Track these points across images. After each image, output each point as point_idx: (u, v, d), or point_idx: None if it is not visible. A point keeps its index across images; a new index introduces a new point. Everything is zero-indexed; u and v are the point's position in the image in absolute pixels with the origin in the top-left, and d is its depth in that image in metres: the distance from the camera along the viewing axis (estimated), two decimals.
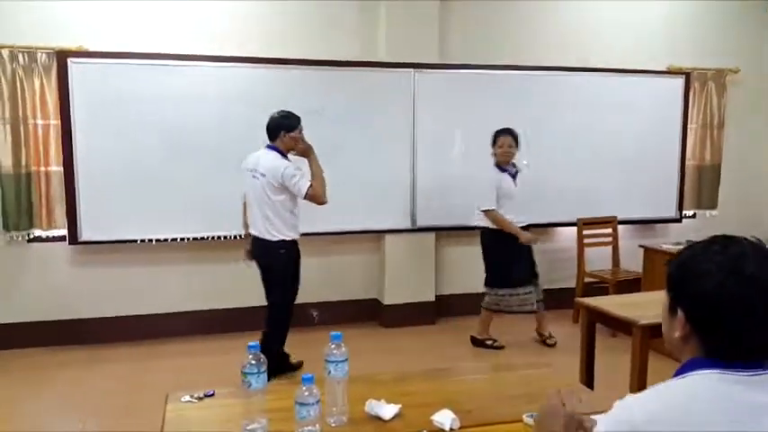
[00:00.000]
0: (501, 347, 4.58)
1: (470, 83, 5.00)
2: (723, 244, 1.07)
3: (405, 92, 4.84)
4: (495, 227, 4.36)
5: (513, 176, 4.40)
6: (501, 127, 4.40)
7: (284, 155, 3.69)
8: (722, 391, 1.01)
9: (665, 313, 1.16)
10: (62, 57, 4.18)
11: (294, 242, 3.76)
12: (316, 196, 3.60)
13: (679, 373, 1.09)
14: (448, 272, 5.26)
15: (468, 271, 5.33)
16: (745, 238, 1.09)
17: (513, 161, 4.42)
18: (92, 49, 4.28)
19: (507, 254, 4.41)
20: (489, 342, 4.62)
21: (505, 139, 4.35)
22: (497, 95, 5.05)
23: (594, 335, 3.22)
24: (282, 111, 3.71)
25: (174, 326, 4.63)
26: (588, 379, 3.15)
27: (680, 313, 1.10)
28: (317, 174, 3.66)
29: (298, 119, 3.70)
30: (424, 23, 4.85)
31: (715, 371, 1.03)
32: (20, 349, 4.33)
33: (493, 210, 4.34)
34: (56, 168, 4.33)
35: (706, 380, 1.03)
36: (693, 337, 1.08)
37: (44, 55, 4.23)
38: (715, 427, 0.97)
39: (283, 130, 3.67)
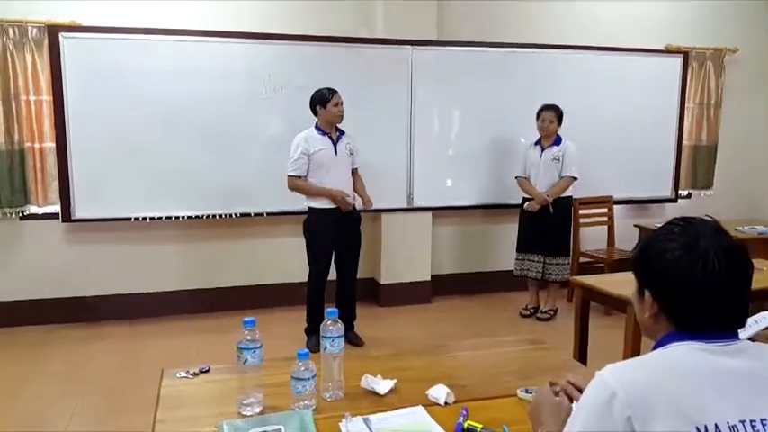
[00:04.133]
0: (527, 315, 4.80)
1: (468, 61, 4.95)
2: (681, 225, 1.13)
3: (402, 69, 4.79)
4: (524, 195, 4.72)
5: (543, 150, 4.59)
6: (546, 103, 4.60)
7: (321, 130, 3.87)
8: (698, 357, 1.05)
9: (634, 297, 1.20)
10: (53, 31, 4.11)
11: (314, 210, 3.92)
12: (288, 181, 3.90)
13: (656, 347, 1.13)
14: (445, 251, 5.26)
15: (464, 251, 5.35)
16: (702, 218, 1.14)
17: (559, 136, 4.62)
18: (84, 23, 4.21)
19: (521, 220, 4.76)
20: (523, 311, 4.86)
21: (546, 115, 4.53)
22: (494, 73, 5.02)
23: (589, 313, 3.25)
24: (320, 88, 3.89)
25: (168, 304, 4.62)
26: (582, 356, 3.18)
27: (647, 294, 1.14)
28: (314, 186, 3.87)
29: (328, 91, 3.84)
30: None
31: (689, 342, 1.07)
32: (13, 327, 4.32)
33: (516, 177, 4.73)
34: (50, 145, 4.29)
35: (682, 348, 1.07)
36: (662, 315, 1.12)
37: (35, 29, 4.16)
38: (691, 388, 1.01)
39: (317, 104, 3.84)
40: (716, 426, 0.97)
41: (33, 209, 4.37)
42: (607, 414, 1.01)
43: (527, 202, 4.64)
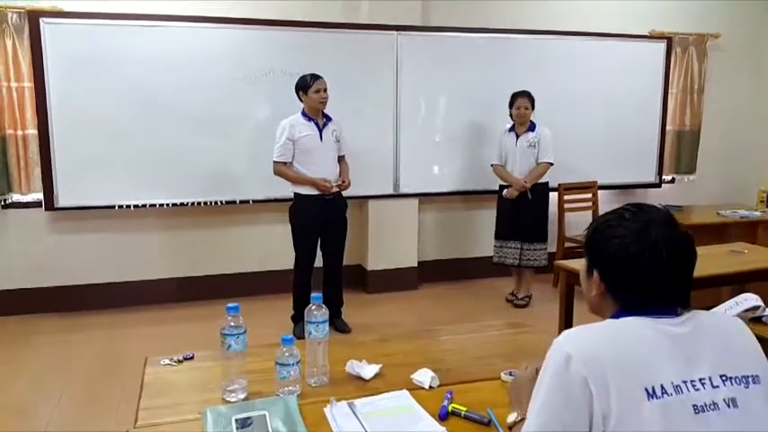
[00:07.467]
0: (511, 301, 4.81)
1: (454, 46, 4.93)
2: (633, 211, 1.17)
3: (388, 55, 4.77)
4: (501, 182, 4.70)
5: (518, 137, 4.57)
6: (518, 89, 4.57)
7: (306, 116, 3.85)
8: (645, 325, 1.11)
9: (583, 274, 1.26)
10: (34, 17, 4.04)
11: (300, 197, 3.91)
12: (273, 167, 3.89)
13: None
14: (431, 238, 5.28)
15: (450, 237, 5.37)
16: (654, 206, 1.19)
17: (533, 122, 4.60)
18: (65, 8, 4.13)
19: (498, 207, 4.76)
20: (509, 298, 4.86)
21: (522, 102, 4.50)
22: (480, 59, 5.01)
23: (573, 297, 3.28)
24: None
25: (153, 293, 4.60)
26: None
27: (595, 274, 1.20)
28: (298, 173, 3.85)
29: (311, 77, 3.81)
30: None
31: (636, 318, 1.13)
32: None
33: (492, 165, 4.70)
34: (32, 132, 4.22)
35: (630, 320, 1.13)
36: (608, 294, 1.19)
37: (15, 15, 4.08)
38: (639, 352, 1.07)
39: (300, 90, 3.83)
40: (662, 386, 1.04)
41: (16, 197, 4.32)
42: (565, 376, 1.06)
43: (505, 190, 4.63)
